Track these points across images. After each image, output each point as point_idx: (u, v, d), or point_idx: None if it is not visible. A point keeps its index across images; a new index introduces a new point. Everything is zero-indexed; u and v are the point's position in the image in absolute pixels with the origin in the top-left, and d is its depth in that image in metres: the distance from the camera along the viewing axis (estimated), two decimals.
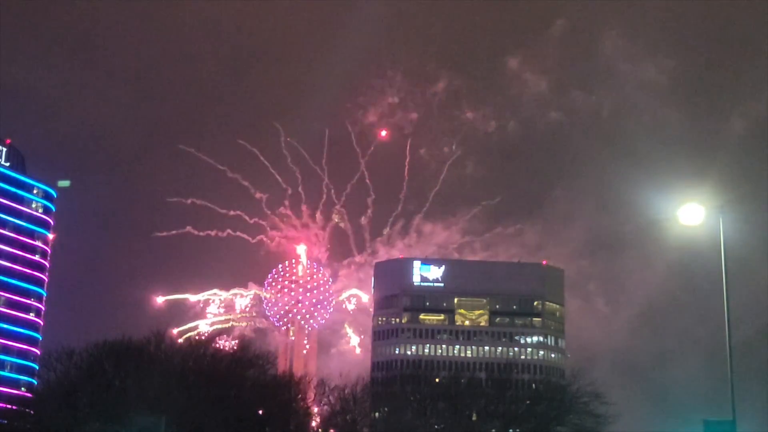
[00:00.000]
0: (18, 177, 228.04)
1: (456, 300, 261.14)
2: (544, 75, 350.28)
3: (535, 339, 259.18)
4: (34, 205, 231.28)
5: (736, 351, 51.18)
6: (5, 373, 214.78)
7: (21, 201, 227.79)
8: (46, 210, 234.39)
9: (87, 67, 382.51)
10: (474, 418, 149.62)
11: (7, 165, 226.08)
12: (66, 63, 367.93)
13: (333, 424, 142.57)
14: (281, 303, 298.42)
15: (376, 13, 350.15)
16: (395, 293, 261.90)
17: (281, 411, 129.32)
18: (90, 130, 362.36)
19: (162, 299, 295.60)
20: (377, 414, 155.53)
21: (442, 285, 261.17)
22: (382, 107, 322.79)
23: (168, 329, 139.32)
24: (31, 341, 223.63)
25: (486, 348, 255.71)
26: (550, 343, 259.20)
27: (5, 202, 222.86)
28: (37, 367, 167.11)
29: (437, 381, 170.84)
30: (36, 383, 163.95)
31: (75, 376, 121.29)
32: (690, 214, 49.89)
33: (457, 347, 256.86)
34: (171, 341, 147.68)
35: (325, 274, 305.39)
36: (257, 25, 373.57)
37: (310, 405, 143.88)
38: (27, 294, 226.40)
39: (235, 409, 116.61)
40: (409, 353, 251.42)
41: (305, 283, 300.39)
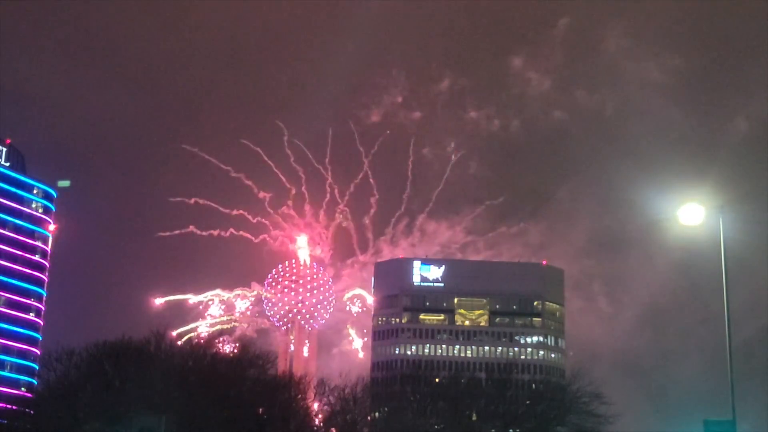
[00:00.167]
0: (18, 177, 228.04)
1: (456, 300, 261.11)
2: (547, 74, 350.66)
3: (535, 339, 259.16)
4: (34, 205, 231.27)
5: (737, 351, 51.19)
6: (5, 373, 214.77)
7: (21, 201, 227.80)
8: (46, 210, 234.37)
9: (87, 67, 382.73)
10: (474, 418, 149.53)
11: (7, 165, 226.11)
12: (66, 63, 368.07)
13: (333, 424, 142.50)
14: (281, 303, 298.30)
15: (380, 13, 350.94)
16: (395, 293, 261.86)
17: (281, 411, 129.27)
18: (90, 130, 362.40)
19: (160, 301, 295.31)
20: (377, 414, 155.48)
21: (442, 285, 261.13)
22: (385, 106, 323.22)
23: (168, 329, 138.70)
24: (31, 341, 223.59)
25: (486, 348, 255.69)
26: (550, 343, 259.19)
27: (5, 202, 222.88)
28: (37, 367, 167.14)
29: (437, 381, 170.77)
30: (36, 383, 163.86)
31: (75, 376, 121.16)
32: (690, 214, 49.87)
33: (457, 347, 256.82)
34: (171, 341, 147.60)
35: (326, 273, 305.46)
36: (260, 24, 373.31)
37: (310, 405, 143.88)
38: (27, 294, 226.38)
39: (235, 409, 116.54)
40: (409, 353, 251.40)
41: (305, 283, 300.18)
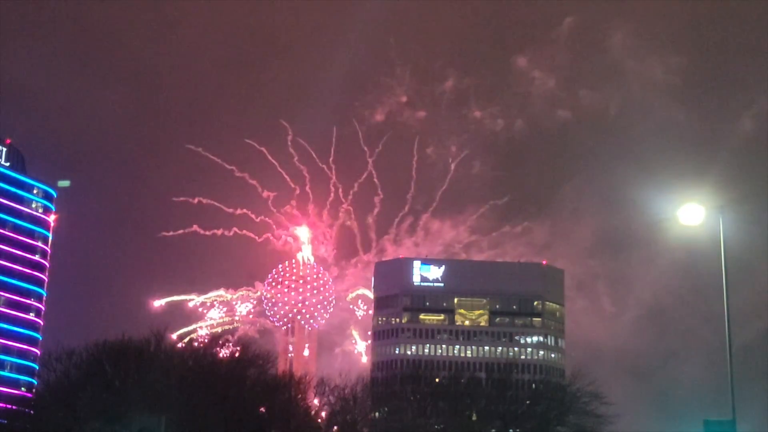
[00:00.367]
0: (18, 177, 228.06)
1: (456, 300, 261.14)
2: (552, 73, 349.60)
3: (535, 339, 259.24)
4: (34, 205, 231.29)
5: (739, 351, 51.22)
6: (5, 373, 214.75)
7: (21, 201, 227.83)
8: (46, 210, 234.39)
9: (88, 67, 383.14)
10: (474, 418, 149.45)
11: (7, 165, 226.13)
12: (67, 63, 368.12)
13: (333, 423, 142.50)
14: (281, 303, 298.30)
15: (384, 12, 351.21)
16: (395, 293, 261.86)
17: (281, 411, 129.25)
18: (90, 130, 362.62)
19: (159, 303, 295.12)
20: (377, 414, 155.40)
21: (442, 285, 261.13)
22: (390, 106, 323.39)
23: (168, 330, 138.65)
24: (31, 341, 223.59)
25: (486, 348, 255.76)
26: (550, 343, 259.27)
27: (5, 202, 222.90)
28: (37, 367, 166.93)
29: (437, 381, 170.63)
30: (36, 383, 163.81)
31: (75, 376, 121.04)
32: (690, 214, 49.83)
33: (457, 347, 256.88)
34: (171, 341, 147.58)
35: (326, 273, 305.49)
36: (264, 23, 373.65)
37: (310, 405, 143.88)
38: (27, 294, 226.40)
39: (235, 409, 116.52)
40: (409, 353, 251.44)
41: (305, 283, 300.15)
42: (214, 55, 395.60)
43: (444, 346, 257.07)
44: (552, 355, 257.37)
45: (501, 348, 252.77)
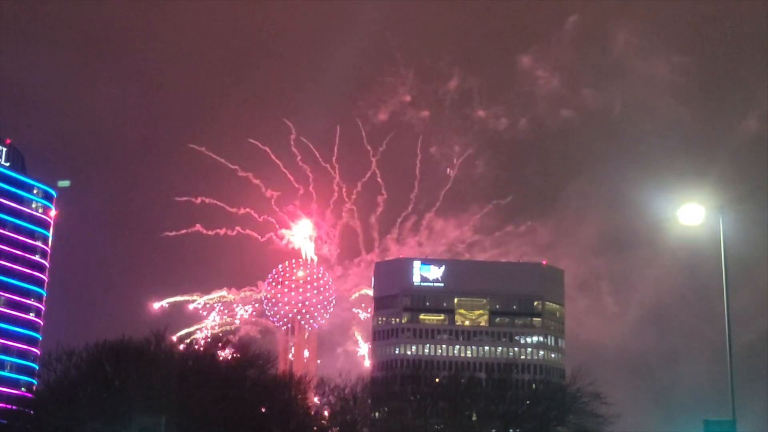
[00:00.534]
0: (18, 177, 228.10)
1: (456, 300, 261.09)
2: (556, 72, 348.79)
3: (535, 339, 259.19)
4: (34, 205, 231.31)
5: (742, 352, 51.20)
6: (5, 373, 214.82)
7: (21, 201, 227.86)
8: (46, 210, 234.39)
9: (89, 67, 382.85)
10: (474, 418, 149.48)
11: (7, 165, 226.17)
12: (67, 62, 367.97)
13: (333, 423, 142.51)
14: (281, 303, 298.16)
15: (388, 11, 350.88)
16: (395, 293, 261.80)
17: (281, 411, 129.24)
18: (90, 130, 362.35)
19: (158, 305, 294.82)
20: (377, 414, 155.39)
21: (442, 285, 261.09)
22: (393, 105, 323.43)
23: (168, 330, 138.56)
24: (31, 341, 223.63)
25: (486, 348, 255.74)
26: (550, 343, 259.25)
27: (5, 202, 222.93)
28: (37, 367, 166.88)
29: (437, 381, 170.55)
30: (36, 383, 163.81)
31: (75, 376, 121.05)
32: (690, 214, 49.80)
33: (457, 347, 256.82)
34: (171, 341, 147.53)
35: (326, 273, 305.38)
36: (268, 22, 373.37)
37: (310, 405, 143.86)
38: (27, 294, 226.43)
39: (235, 409, 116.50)
40: (409, 353, 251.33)
41: (305, 283, 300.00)
42: (216, 55, 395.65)
43: (444, 346, 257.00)
44: (552, 355, 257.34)
45: (501, 348, 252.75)
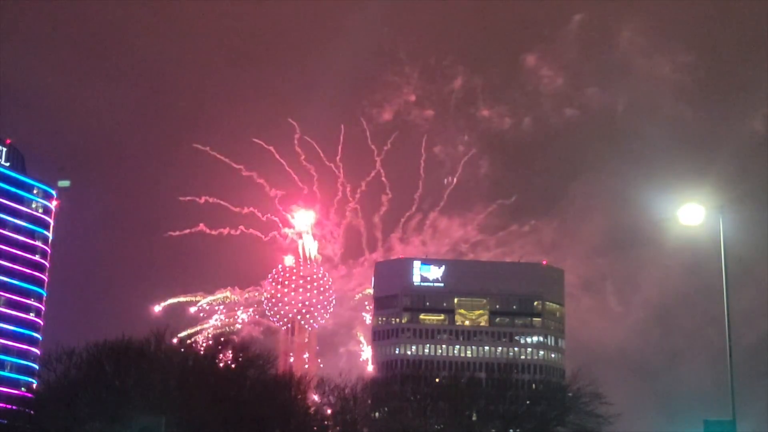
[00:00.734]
0: (18, 177, 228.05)
1: (456, 300, 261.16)
2: (560, 71, 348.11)
3: (535, 339, 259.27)
4: (34, 205, 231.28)
5: (744, 352, 51.18)
6: (5, 373, 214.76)
7: (21, 201, 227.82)
8: (46, 210, 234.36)
9: (89, 67, 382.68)
10: (474, 418, 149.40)
11: (7, 165, 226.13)
12: (67, 62, 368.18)
13: (333, 423, 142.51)
14: (282, 303, 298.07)
15: (392, 10, 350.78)
16: (395, 293, 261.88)
17: (281, 411, 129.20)
18: (90, 130, 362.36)
19: (159, 307, 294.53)
20: (377, 414, 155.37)
21: (442, 285, 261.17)
22: (397, 104, 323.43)
23: (168, 330, 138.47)
24: (31, 341, 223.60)
25: (486, 348, 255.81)
26: (550, 343, 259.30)
27: (5, 202, 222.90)
28: (37, 367, 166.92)
29: (437, 381, 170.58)
30: (36, 383, 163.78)
31: (75, 376, 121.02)
32: (690, 214, 49.75)
33: (457, 347, 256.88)
34: (171, 342, 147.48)
35: (326, 273, 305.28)
36: (271, 22, 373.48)
37: (310, 405, 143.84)
38: (27, 294, 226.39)
39: (235, 409, 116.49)
40: (409, 353, 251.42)
41: (305, 283, 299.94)
42: (220, 54, 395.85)
43: (444, 346, 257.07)
44: (552, 355, 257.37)
45: (501, 348, 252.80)
